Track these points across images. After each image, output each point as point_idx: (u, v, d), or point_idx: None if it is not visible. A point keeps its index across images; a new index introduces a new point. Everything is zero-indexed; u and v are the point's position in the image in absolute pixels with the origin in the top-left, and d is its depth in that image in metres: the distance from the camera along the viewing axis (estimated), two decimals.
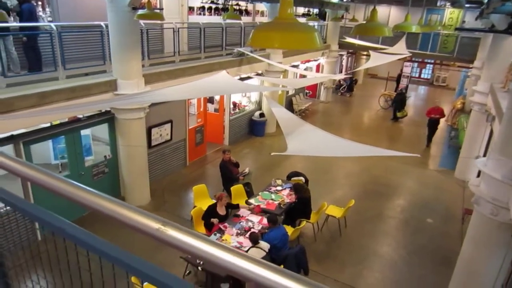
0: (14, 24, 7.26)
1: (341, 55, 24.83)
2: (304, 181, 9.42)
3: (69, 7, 10.13)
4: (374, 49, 14.09)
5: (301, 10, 23.03)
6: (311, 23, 16.27)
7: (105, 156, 9.37)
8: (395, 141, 16.34)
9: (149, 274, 1.02)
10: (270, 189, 9.15)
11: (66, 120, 8.25)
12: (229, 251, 0.85)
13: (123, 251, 1.10)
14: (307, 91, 21.79)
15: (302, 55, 17.85)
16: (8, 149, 7.13)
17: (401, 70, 23.25)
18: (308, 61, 20.18)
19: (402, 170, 12.78)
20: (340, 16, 19.92)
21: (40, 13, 9.87)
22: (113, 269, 1.13)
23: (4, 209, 1.41)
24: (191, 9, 14.26)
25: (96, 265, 1.20)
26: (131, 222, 0.98)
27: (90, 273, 1.27)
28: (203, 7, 14.63)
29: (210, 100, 13.89)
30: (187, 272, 7.02)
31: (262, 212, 7.96)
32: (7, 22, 6.60)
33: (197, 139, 12.40)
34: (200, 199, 8.95)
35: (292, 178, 9.61)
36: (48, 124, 7.92)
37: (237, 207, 8.10)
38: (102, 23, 8.41)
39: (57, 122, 8.14)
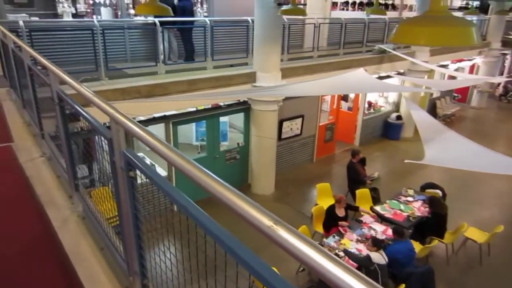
0: (177, 18, 8.24)
1: (504, 55, 21.14)
2: (441, 195, 8.43)
3: (223, 4, 11.01)
4: None
5: (457, 3, 20.46)
6: (468, 18, 14.32)
7: (238, 143, 10.00)
8: None
9: (256, 270, 0.99)
10: (400, 198, 8.45)
11: (210, 106, 9.07)
12: (339, 265, 0.74)
13: (236, 241, 1.10)
14: (455, 95, 19.26)
15: (454, 54, 15.83)
16: (160, 127, 8.22)
17: None
18: (461, 60, 17.84)
19: None
20: (508, 8, 17.02)
21: (198, 9, 11.01)
22: (225, 256, 1.14)
23: (144, 180, 1.57)
24: (334, 4, 14.02)
25: (212, 248, 1.22)
26: (245, 214, 0.96)
27: (205, 255, 1.31)
28: (347, 2, 14.24)
29: (344, 98, 13.52)
30: (301, 268, 7.00)
31: (387, 222, 7.42)
32: (172, 16, 7.51)
33: (326, 136, 12.24)
34: (323, 197, 8.82)
35: (427, 190, 8.70)
36: (194, 109, 8.83)
37: (356, 209, 7.75)
38: (249, 18, 8.93)
39: (201, 107, 9.01)
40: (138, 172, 1.66)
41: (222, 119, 9.66)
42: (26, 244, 2.66)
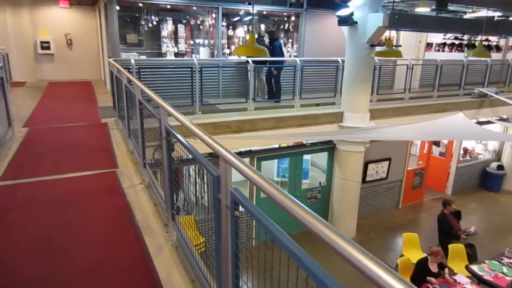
0: (270, 58, 8.59)
1: None
2: None
3: (313, 44, 11.25)
4: None
5: None
6: None
7: (320, 183, 9.81)
8: None
9: None
10: (502, 259, 7.42)
11: (291, 143, 9.14)
12: None
13: (331, 278, 1.10)
14: None
15: None
16: (246, 162, 8.42)
17: None
18: None
19: None
20: None
21: (289, 49, 11.39)
22: None
23: (240, 209, 1.61)
24: (429, 45, 13.48)
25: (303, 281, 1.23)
26: (355, 261, 0.95)
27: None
28: (444, 43, 13.60)
29: (436, 142, 12.63)
30: None
31: (486, 285, 6.53)
32: (267, 57, 7.82)
33: (415, 182, 11.45)
34: (409, 248, 8.13)
35: None
36: (277, 145, 8.94)
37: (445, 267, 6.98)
38: (338, 59, 8.96)
39: (284, 144, 9.11)
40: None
41: (305, 156, 9.62)
42: (125, 267, 2.82)
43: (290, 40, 11.77)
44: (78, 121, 7.31)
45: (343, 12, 8.11)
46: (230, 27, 11.43)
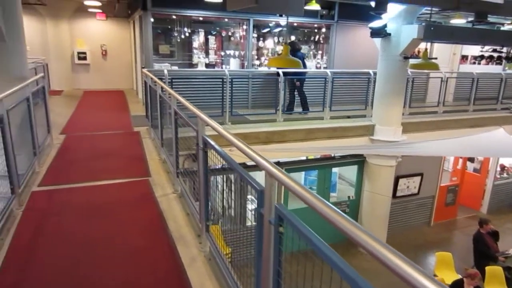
0: (300, 70, 8.55)
1: None
2: None
3: (343, 55, 11.16)
4: None
5: None
6: None
7: (348, 197, 9.60)
8: None
9: None
10: None
11: (319, 156, 9.02)
12: None
13: None
14: None
15: None
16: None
17: None
18: None
19: None
20: None
21: (319, 60, 11.35)
22: None
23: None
24: (464, 57, 13.10)
25: None
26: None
27: None
28: (481, 56, 13.18)
29: (470, 157, 12.16)
30: None
31: None
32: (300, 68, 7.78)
33: (448, 199, 11.03)
34: (442, 269, 7.80)
35: None
36: (304, 157, 8.85)
37: None
38: (370, 71, 8.83)
39: (312, 156, 9.01)
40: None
41: (333, 169, 9.46)
42: (159, 277, 2.81)
43: (319, 52, 11.72)
44: (111, 129, 7.49)
45: (376, 24, 8.01)
46: (261, 38, 11.52)
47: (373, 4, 6.13)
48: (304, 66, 9.26)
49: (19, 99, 4.37)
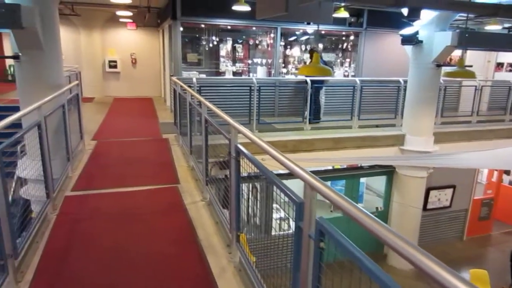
0: (329, 78, 8.44)
1: None
2: None
3: (372, 63, 10.96)
4: None
5: None
6: None
7: (376, 208, 9.34)
8: None
9: None
10: None
11: (345, 166, 8.84)
12: None
13: None
14: None
15: None
16: (296, 182, 8.26)
17: None
18: None
19: None
20: None
21: (346, 68, 11.21)
22: None
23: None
24: (499, 65, 12.62)
25: None
26: None
27: None
28: None
29: (507, 170, 11.64)
30: None
31: None
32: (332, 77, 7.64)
33: (482, 212, 10.57)
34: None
35: None
36: (331, 167, 8.69)
37: None
38: (400, 79, 8.63)
39: (338, 166, 8.84)
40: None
41: (361, 179, 9.25)
42: (189, 285, 2.78)
43: (347, 60, 11.57)
44: (141, 135, 7.61)
45: (407, 31, 7.83)
46: (288, 46, 11.49)
47: (405, 11, 5.98)
48: None
49: (55, 106, 4.49)
